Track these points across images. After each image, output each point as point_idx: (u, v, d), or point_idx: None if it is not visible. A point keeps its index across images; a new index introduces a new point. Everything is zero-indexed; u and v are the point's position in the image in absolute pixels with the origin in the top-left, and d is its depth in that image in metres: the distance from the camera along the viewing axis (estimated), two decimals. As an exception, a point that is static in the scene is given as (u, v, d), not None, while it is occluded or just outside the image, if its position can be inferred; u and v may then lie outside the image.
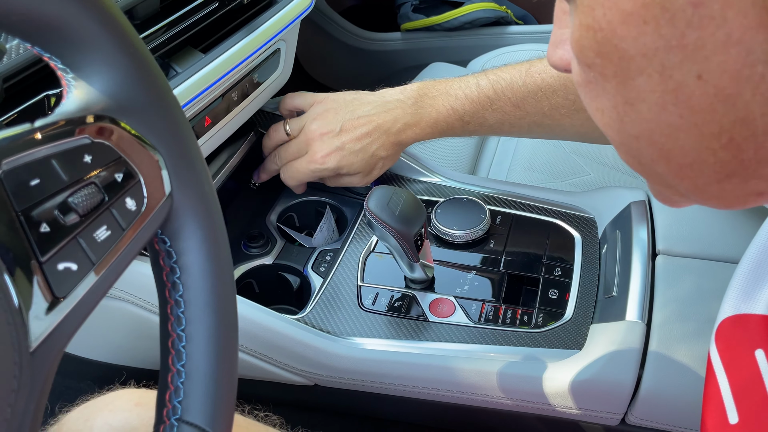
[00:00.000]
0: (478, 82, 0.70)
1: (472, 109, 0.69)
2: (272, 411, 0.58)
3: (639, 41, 0.22)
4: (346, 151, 0.70)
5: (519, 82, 0.68)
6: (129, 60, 0.32)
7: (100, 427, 0.47)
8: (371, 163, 0.72)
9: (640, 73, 0.23)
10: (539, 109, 0.67)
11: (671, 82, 0.23)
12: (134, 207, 0.31)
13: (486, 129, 0.71)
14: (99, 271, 0.29)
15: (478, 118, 0.69)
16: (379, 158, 0.72)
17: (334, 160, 0.71)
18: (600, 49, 0.24)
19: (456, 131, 0.72)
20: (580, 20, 0.24)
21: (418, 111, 0.71)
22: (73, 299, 0.28)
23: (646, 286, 0.59)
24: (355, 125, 0.71)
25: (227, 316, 0.35)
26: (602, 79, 0.25)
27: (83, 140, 0.29)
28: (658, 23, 0.22)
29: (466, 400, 0.61)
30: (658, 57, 0.22)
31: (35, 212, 0.27)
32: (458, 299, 0.65)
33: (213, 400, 0.33)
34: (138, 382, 0.57)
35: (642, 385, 0.54)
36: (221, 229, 0.36)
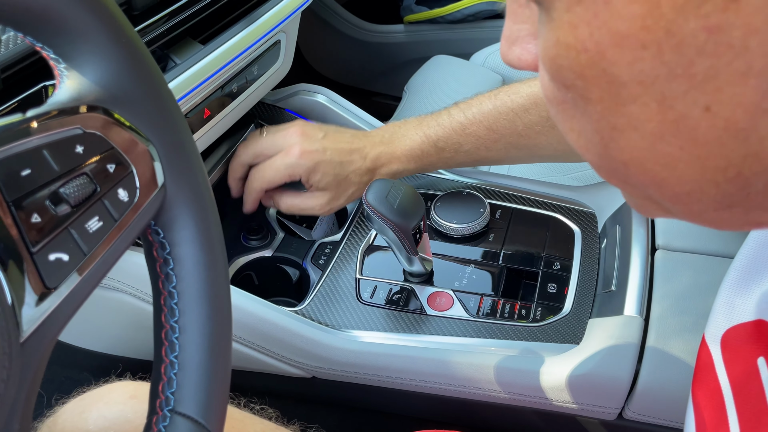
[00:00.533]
0: (450, 111, 0.70)
1: (445, 134, 0.69)
2: (269, 404, 0.58)
3: (635, 67, 0.19)
4: (327, 156, 0.67)
5: (489, 106, 0.68)
6: (122, 50, 0.31)
7: (95, 419, 0.47)
8: (343, 186, 0.69)
9: (633, 100, 0.20)
10: (513, 130, 0.67)
11: (672, 113, 0.20)
12: (126, 198, 0.31)
13: (462, 156, 0.70)
14: (91, 262, 0.29)
15: (452, 143, 0.69)
16: (351, 183, 0.69)
17: (313, 159, 0.67)
18: (583, 72, 0.21)
19: (432, 159, 0.70)
20: (557, 36, 0.21)
21: (392, 142, 0.70)
22: (64, 290, 0.28)
23: (644, 280, 0.59)
24: (337, 139, 0.69)
25: (221, 308, 0.35)
26: (583, 101, 0.22)
27: (75, 131, 0.29)
28: (661, 49, 0.19)
29: (464, 393, 0.61)
30: (657, 85, 0.20)
31: (26, 202, 0.27)
32: (457, 293, 0.65)
33: (206, 392, 0.33)
34: (134, 375, 0.57)
35: (639, 379, 0.54)
36: (215, 220, 0.36)
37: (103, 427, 0.47)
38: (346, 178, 0.69)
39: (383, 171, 0.70)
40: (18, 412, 0.26)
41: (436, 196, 0.74)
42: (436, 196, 0.74)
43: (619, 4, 0.19)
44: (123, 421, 0.47)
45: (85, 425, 0.47)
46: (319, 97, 0.84)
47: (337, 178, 0.68)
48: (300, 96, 0.84)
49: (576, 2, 0.19)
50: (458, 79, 1.19)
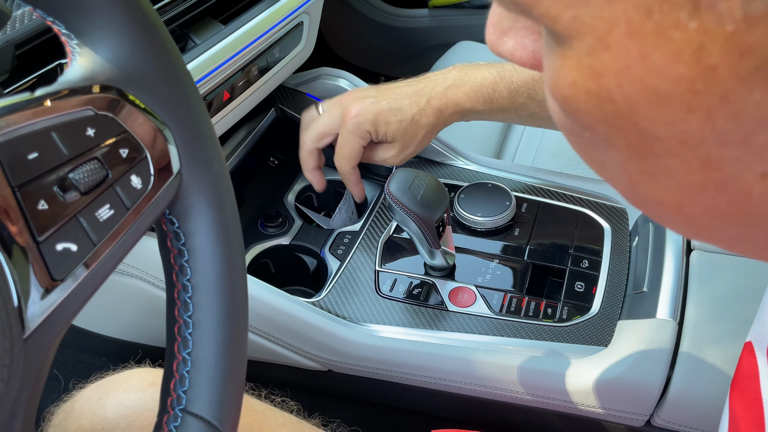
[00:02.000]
0: None
1: (521, 79, 0.63)
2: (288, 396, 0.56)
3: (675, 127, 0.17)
4: (384, 106, 0.64)
5: None
6: (138, 27, 0.29)
7: (113, 406, 0.46)
8: (411, 132, 0.65)
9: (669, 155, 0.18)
10: None
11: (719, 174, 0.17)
12: (140, 185, 0.29)
13: (535, 105, 0.64)
14: (100, 253, 0.27)
15: (527, 88, 0.63)
16: (419, 126, 0.65)
17: (370, 112, 0.64)
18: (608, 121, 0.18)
19: (503, 102, 0.64)
20: (573, 78, 0.17)
21: (461, 77, 0.66)
22: (71, 282, 0.26)
23: (679, 282, 0.56)
24: (392, 88, 0.66)
25: (237, 303, 0.33)
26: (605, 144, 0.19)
27: (86, 112, 0.27)
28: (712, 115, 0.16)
29: (484, 393, 0.59)
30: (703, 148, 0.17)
31: (32, 188, 0.25)
32: (479, 289, 0.63)
33: (220, 392, 0.32)
34: (153, 361, 0.55)
35: (671, 386, 0.51)
36: (232, 210, 0.34)
37: (121, 414, 0.46)
38: (413, 121, 0.65)
39: (450, 110, 0.66)
40: (20, 412, 0.25)
41: (459, 187, 0.71)
42: (460, 187, 0.71)
43: (660, 61, 0.15)
44: (142, 408, 0.46)
45: (102, 412, 0.46)
46: (341, 82, 0.81)
47: (402, 123, 0.65)
48: (321, 80, 0.82)
49: (602, 48, 0.16)
50: (483, 67, 1.16)
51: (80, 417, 0.46)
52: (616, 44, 0.16)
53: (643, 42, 0.15)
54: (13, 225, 0.24)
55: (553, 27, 0.17)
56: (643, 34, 0.15)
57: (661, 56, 0.15)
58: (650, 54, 0.15)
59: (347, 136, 0.66)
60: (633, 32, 0.15)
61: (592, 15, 0.15)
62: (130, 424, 0.45)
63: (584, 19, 0.16)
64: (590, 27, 0.16)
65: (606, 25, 0.15)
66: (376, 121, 0.65)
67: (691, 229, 0.21)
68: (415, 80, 0.67)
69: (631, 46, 0.15)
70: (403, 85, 0.67)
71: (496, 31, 0.22)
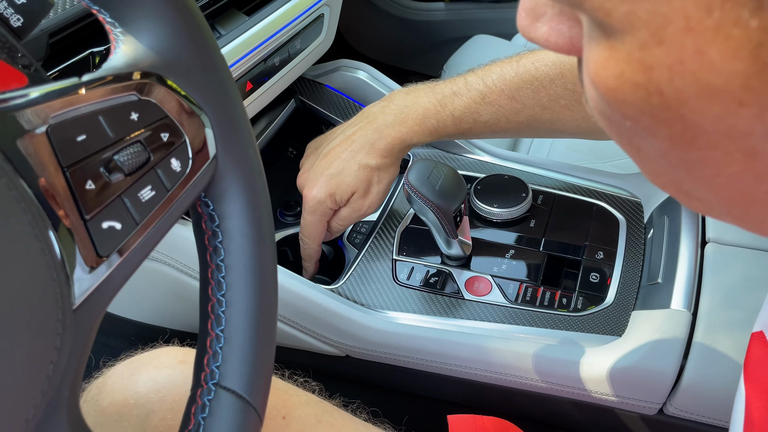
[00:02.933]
0: (466, 78, 0.64)
1: (463, 104, 0.62)
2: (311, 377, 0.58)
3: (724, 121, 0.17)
4: (329, 174, 0.63)
5: (511, 73, 0.62)
6: (179, 16, 0.31)
7: (144, 382, 0.48)
8: (363, 177, 0.63)
9: (713, 147, 0.18)
10: (537, 101, 0.61)
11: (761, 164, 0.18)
12: (179, 168, 0.30)
13: (481, 127, 0.64)
14: (142, 232, 0.29)
15: (470, 113, 0.62)
16: (369, 168, 0.63)
17: (322, 190, 0.63)
18: (653, 113, 0.18)
19: (448, 130, 0.64)
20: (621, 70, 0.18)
21: (401, 110, 0.64)
22: (115, 259, 0.28)
23: (693, 274, 0.57)
24: (332, 148, 0.65)
25: (268, 283, 0.34)
26: (646, 133, 0.19)
27: (130, 97, 0.29)
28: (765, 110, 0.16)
29: (499, 380, 0.60)
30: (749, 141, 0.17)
31: (81, 169, 0.26)
32: (495, 278, 0.64)
33: (252, 368, 0.33)
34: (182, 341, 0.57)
35: (684, 375, 0.52)
36: (264, 194, 0.35)
37: (153, 389, 0.47)
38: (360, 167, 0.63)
39: (398, 148, 0.64)
40: (68, 381, 0.26)
41: (475, 178, 0.72)
42: (476, 179, 0.72)
43: (716, 57, 0.16)
44: (172, 384, 0.47)
45: (135, 387, 0.47)
46: (359, 74, 0.82)
47: (351, 175, 0.63)
48: (341, 72, 0.83)
49: (655, 43, 0.16)
50: (499, 60, 1.16)
51: (113, 392, 0.47)
52: (671, 39, 0.16)
53: (701, 38, 0.15)
54: (63, 204, 0.26)
55: (606, 20, 0.17)
56: (701, 31, 0.15)
57: (717, 52, 0.15)
58: (706, 50, 0.15)
59: (309, 218, 0.65)
60: (690, 28, 0.15)
61: (648, 10, 0.16)
62: (162, 399, 0.47)
63: (639, 14, 0.16)
64: (645, 22, 0.16)
65: (662, 21, 0.16)
66: (329, 193, 0.63)
67: (720, 213, 0.21)
68: (356, 124, 0.65)
69: (687, 41, 0.16)
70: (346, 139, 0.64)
71: (529, 16, 0.22)
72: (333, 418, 0.51)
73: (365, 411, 0.56)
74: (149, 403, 0.47)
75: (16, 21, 0.33)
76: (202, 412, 0.32)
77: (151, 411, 0.47)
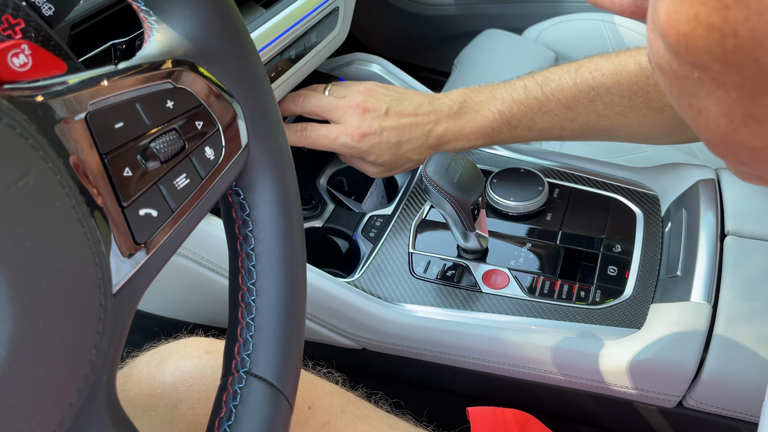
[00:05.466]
0: (525, 84, 0.66)
1: (520, 112, 0.65)
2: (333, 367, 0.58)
3: None
4: (384, 139, 0.66)
5: (569, 83, 0.64)
6: (212, 4, 0.31)
7: (171, 371, 0.48)
8: (398, 162, 0.68)
9: None
10: (592, 110, 0.63)
11: None
12: (213, 156, 0.30)
13: (535, 134, 0.67)
14: (178, 219, 0.29)
15: (526, 122, 0.66)
16: (408, 160, 0.68)
17: (368, 143, 0.66)
18: (725, 57, 0.18)
19: (503, 137, 0.67)
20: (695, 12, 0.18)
21: (462, 116, 0.67)
22: (152, 245, 0.28)
23: (713, 266, 0.57)
24: (400, 114, 0.67)
25: (297, 272, 0.35)
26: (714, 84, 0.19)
27: (166, 85, 0.29)
28: None
29: (517, 372, 0.60)
30: None
31: (119, 156, 0.27)
32: (512, 271, 0.64)
33: (282, 356, 0.33)
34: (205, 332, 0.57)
35: (705, 368, 0.52)
36: (294, 184, 0.35)
37: (180, 379, 0.47)
38: (403, 155, 0.68)
39: (448, 148, 0.68)
40: (108, 366, 0.26)
41: (491, 172, 0.72)
42: (492, 172, 0.72)
43: None
44: (199, 375, 0.47)
45: (161, 377, 0.47)
46: (374, 67, 0.82)
47: (393, 156, 0.67)
48: (355, 65, 0.83)
49: None
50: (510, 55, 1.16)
51: (140, 382, 0.48)
52: None
53: None
54: (102, 191, 0.26)
55: None
56: None
57: None
58: None
59: (335, 141, 0.67)
60: None
61: None
62: (189, 389, 0.47)
63: None
64: None
65: None
66: (369, 151, 0.66)
67: None
68: (424, 106, 0.67)
69: None
70: (411, 112, 0.67)
71: None
72: (357, 408, 0.51)
73: (387, 402, 0.56)
74: (177, 393, 0.48)
75: (48, 10, 0.33)
76: (233, 400, 0.32)
77: (179, 401, 0.47)
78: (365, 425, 0.50)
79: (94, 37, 0.53)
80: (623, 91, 0.62)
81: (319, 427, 0.48)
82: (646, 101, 0.61)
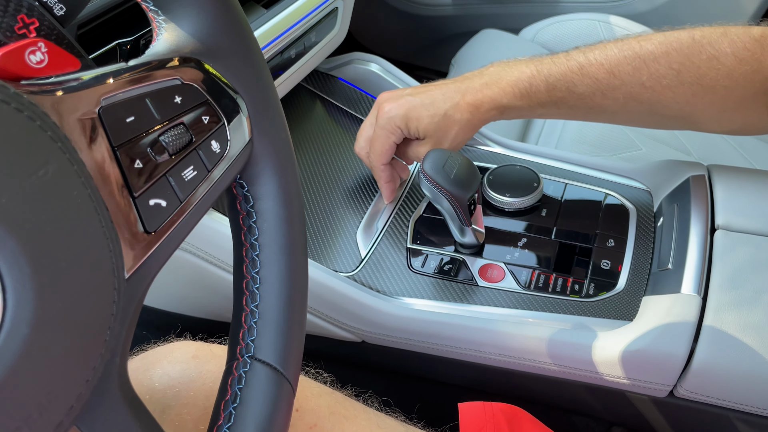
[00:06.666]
0: (568, 52, 0.63)
1: (560, 72, 0.62)
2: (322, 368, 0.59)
3: None
4: (416, 102, 0.64)
5: (614, 50, 0.60)
6: (218, 4, 0.32)
7: (159, 377, 0.48)
8: (443, 127, 0.65)
9: None
10: (637, 79, 0.59)
11: None
12: (218, 149, 0.32)
13: (575, 98, 0.62)
14: (185, 209, 0.30)
15: (565, 82, 0.61)
16: (452, 121, 0.64)
17: (401, 108, 0.65)
18: None
19: (541, 97, 0.63)
20: None
21: (498, 73, 0.64)
22: (161, 234, 0.29)
23: (703, 260, 0.58)
24: (427, 87, 0.67)
25: (299, 261, 0.36)
26: None
27: (174, 81, 0.30)
28: None
29: (512, 364, 0.61)
30: None
31: (130, 148, 0.28)
32: (508, 266, 0.65)
33: (284, 341, 0.35)
34: (194, 335, 0.58)
35: (695, 357, 0.54)
36: (294, 176, 0.37)
37: (167, 384, 0.48)
38: (445, 116, 0.64)
39: (487, 107, 0.64)
40: (120, 348, 0.28)
41: (487, 169, 0.74)
42: (488, 169, 0.74)
43: None
44: (187, 380, 0.48)
45: (150, 383, 0.48)
46: (372, 66, 0.84)
47: (434, 118, 0.64)
48: (354, 65, 0.84)
49: None
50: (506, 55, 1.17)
51: None
52: None
53: None
54: (115, 181, 0.27)
55: None
56: None
57: None
58: None
59: (378, 131, 0.67)
60: None
61: None
62: (177, 394, 0.47)
63: None
64: None
65: None
66: (407, 116, 0.65)
67: None
68: (452, 79, 0.67)
69: None
70: (440, 84, 0.67)
71: None
72: (345, 409, 0.52)
73: (377, 401, 0.57)
74: (164, 399, 0.48)
75: (59, 10, 0.34)
76: (238, 384, 0.34)
77: (167, 406, 0.48)
78: (353, 426, 0.50)
79: (100, 36, 0.54)
80: (672, 63, 0.58)
81: (306, 429, 0.49)
82: (697, 77, 0.57)
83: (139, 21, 0.56)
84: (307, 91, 0.85)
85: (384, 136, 0.67)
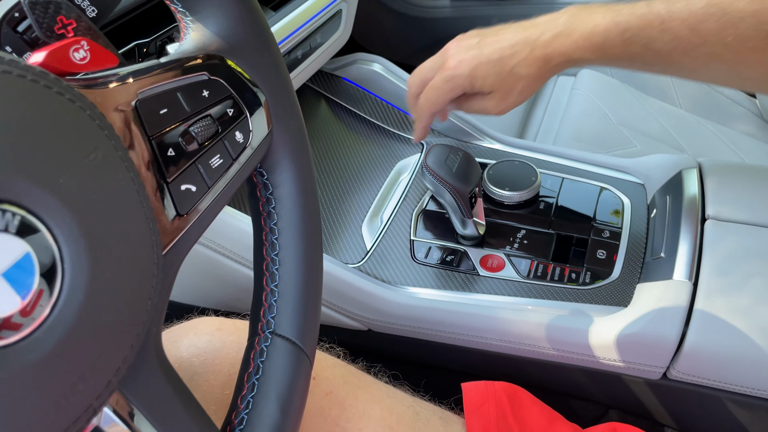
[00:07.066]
0: (650, 2, 0.57)
1: (638, 25, 0.57)
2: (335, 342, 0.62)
3: None
4: (483, 58, 0.62)
5: (700, 3, 0.54)
6: (240, 5, 0.35)
7: (186, 347, 0.51)
8: (509, 83, 0.62)
9: None
10: (721, 38, 0.54)
11: None
12: (242, 140, 0.35)
13: (652, 55, 0.57)
14: (213, 194, 0.33)
15: (643, 37, 0.57)
16: (518, 77, 0.62)
17: (467, 65, 0.62)
18: None
19: (616, 51, 0.58)
20: None
21: (571, 22, 0.60)
22: (192, 216, 0.32)
23: (694, 248, 0.61)
24: (496, 38, 0.63)
25: (314, 244, 0.39)
26: None
27: (202, 77, 0.33)
28: None
29: (513, 349, 0.64)
30: None
31: (164, 138, 0.31)
32: (508, 256, 0.68)
33: (302, 318, 0.37)
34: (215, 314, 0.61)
35: (686, 340, 0.56)
36: (309, 165, 0.39)
37: (194, 354, 0.51)
38: (511, 72, 0.62)
39: (556, 60, 0.60)
40: (157, 318, 0.30)
41: (487, 164, 0.76)
42: (488, 164, 0.76)
43: None
44: (213, 350, 0.51)
45: (178, 353, 0.51)
46: (375, 66, 0.86)
47: (500, 76, 0.62)
48: (357, 65, 0.87)
49: None
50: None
51: None
52: None
53: None
54: (151, 167, 0.30)
55: None
56: None
57: None
58: None
59: (440, 82, 0.64)
60: None
61: None
62: (204, 362, 0.51)
63: None
64: None
65: None
66: (473, 75, 0.63)
67: None
68: (522, 26, 0.64)
69: None
70: (509, 32, 0.63)
71: None
72: (358, 379, 0.55)
73: (386, 375, 0.60)
74: (192, 367, 0.51)
75: (92, 12, 0.37)
76: (260, 357, 0.36)
77: (195, 373, 0.51)
78: (365, 394, 0.53)
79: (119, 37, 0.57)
80: (761, 24, 0.52)
81: (323, 396, 0.52)
82: None
83: (155, 23, 0.59)
84: (312, 91, 0.88)
85: (446, 89, 0.65)
